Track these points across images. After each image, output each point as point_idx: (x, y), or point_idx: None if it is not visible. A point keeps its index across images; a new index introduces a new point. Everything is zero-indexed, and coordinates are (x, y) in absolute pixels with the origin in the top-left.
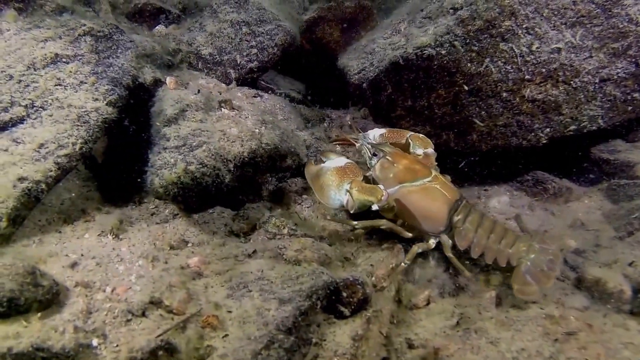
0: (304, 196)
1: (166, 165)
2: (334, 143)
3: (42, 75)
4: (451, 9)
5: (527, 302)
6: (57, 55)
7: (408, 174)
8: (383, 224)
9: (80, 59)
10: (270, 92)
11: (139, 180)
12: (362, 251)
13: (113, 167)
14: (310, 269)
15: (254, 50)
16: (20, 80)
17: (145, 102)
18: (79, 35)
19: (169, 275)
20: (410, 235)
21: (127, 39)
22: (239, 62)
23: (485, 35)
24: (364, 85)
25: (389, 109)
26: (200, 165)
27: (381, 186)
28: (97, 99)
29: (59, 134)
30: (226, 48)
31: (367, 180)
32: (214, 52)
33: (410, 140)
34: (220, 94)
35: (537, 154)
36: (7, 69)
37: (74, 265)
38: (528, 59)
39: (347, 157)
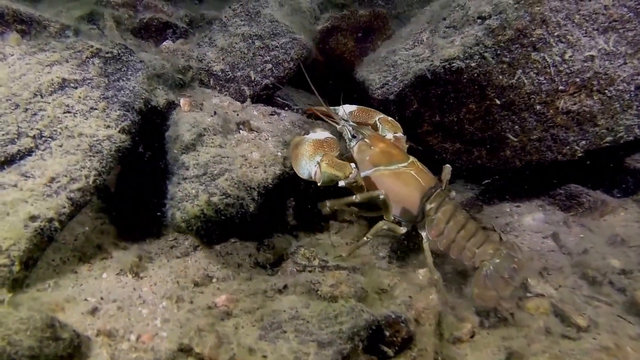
0: (330, 221)
1: (187, 197)
2: (305, 113)
3: (49, 103)
4: (478, 18)
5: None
6: (64, 80)
7: (384, 157)
8: (351, 201)
9: (89, 83)
10: (287, 108)
11: (158, 213)
12: (397, 280)
13: (128, 197)
14: (348, 306)
15: (269, 66)
16: (26, 109)
17: (159, 126)
18: (86, 57)
19: (197, 317)
20: (391, 217)
21: (136, 59)
22: (253, 78)
23: (517, 46)
24: (388, 100)
25: (415, 125)
26: (224, 196)
27: (352, 165)
28: (109, 126)
29: (71, 166)
30: (239, 64)
31: (343, 159)
32: (226, 68)
33: (379, 123)
34: (237, 114)
35: (568, 166)
36: (12, 97)
37: (94, 310)
38: (561, 68)
39: (330, 133)
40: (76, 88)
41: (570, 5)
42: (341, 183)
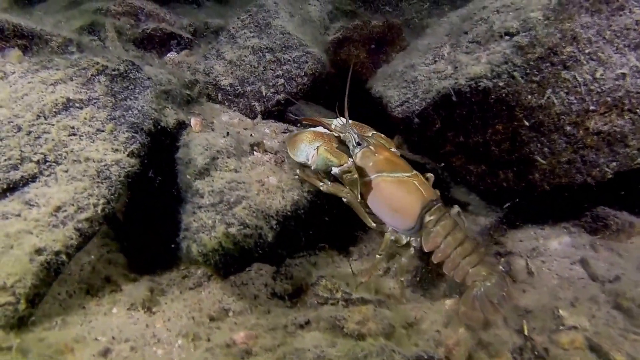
0: (350, 248)
1: (203, 227)
2: (301, 124)
3: (53, 125)
4: (505, 34)
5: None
6: (69, 100)
7: (388, 165)
8: (345, 192)
9: (95, 102)
10: (299, 125)
11: (172, 245)
12: (423, 312)
13: (137, 225)
14: (378, 346)
15: (281, 81)
16: (29, 132)
17: (168, 148)
18: (91, 75)
19: (215, 357)
20: (373, 225)
21: (144, 76)
22: (264, 93)
23: (547, 64)
24: (410, 119)
25: (438, 145)
26: (242, 227)
27: (350, 160)
28: (117, 150)
29: (78, 194)
30: (249, 78)
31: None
32: (234, 82)
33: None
34: (250, 135)
35: (596, 187)
36: (14, 119)
37: (105, 352)
38: (592, 87)
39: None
40: (82, 108)
41: (601, 20)
42: (335, 170)
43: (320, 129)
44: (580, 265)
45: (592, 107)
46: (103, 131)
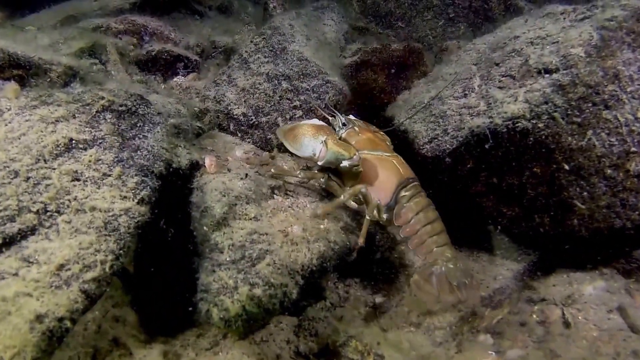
0: (376, 297)
1: (224, 289)
2: None
3: (55, 169)
4: (544, 70)
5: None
6: (71, 140)
7: (369, 143)
8: (323, 177)
9: (100, 143)
10: None
11: (189, 308)
12: None
13: (148, 276)
14: None
15: (299, 113)
16: (28, 177)
17: (181, 191)
18: (96, 112)
19: None
20: (355, 205)
21: (154, 111)
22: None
23: (589, 104)
24: (440, 158)
25: (468, 184)
26: (267, 287)
27: (358, 152)
28: (125, 197)
29: (83, 250)
30: (263, 108)
31: None
32: (248, 112)
33: None
34: (270, 176)
35: (633, 230)
36: (10, 163)
37: None
38: (633, 127)
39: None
40: (86, 150)
41: None
42: (345, 163)
43: (315, 120)
44: (619, 314)
45: (633, 149)
46: (110, 176)
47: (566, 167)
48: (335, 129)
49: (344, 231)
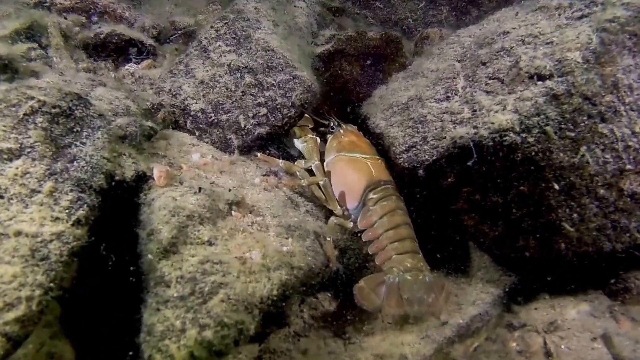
0: (345, 327)
1: (170, 332)
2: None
3: None
4: (537, 76)
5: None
6: None
7: (349, 145)
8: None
9: (28, 152)
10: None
11: (130, 353)
12: None
13: (88, 303)
14: None
15: (263, 110)
16: None
17: (127, 208)
18: (24, 114)
19: None
20: (338, 208)
21: (94, 112)
22: (242, 125)
23: (584, 117)
24: (418, 172)
25: (449, 200)
26: (219, 327)
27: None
28: (57, 218)
29: (4, 284)
30: (224, 104)
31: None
32: (207, 108)
33: None
34: (229, 190)
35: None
36: None
37: None
38: (630, 142)
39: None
40: (11, 161)
41: None
42: (297, 143)
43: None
44: (603, 342)
45: (628, 166)
46: (40, 192)
47: (556, 186)
48: (327, 131)
49: (310, 251)
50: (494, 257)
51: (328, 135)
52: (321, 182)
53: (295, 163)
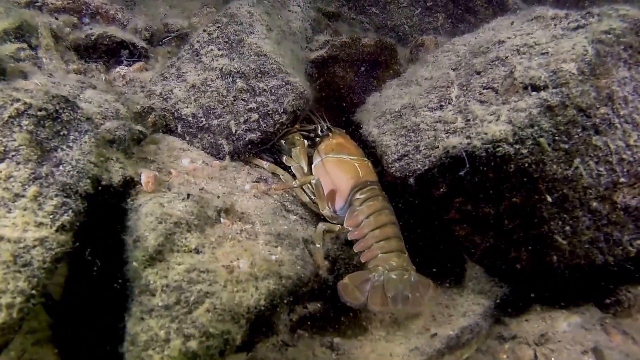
0: (335, 339)
1: (154, 342)
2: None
3: None
4: (530, 86)
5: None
6: None
7: (337, 147)
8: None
9: (13, 156)
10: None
11: None
12: None
13: (74, 308)
14: None
15: (254, 116)
16: None
17: (112, 213)
18: (9, 117)
19: None
20: (326, 208)
21: (82, 116)
22: (233, 130)
23: (578, 129)
24: (410, 181)
25: (441, 209)
26: (204, 337)
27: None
28: (41, 223)
29: None
30: (215, 109)
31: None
32: (198, 112)
33: None
34: (217, 197)
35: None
36: None
37: None
38: (624, 155)
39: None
40: None
41: (638, 74)
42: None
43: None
44: (594, 356)
45: (622, 179)
46: (24, 196)
47: (549, 198)
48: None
49: (299, 260)
50: (485, 267)
51: (317, 139)
52: (313, 181)
53: (284, 160)
